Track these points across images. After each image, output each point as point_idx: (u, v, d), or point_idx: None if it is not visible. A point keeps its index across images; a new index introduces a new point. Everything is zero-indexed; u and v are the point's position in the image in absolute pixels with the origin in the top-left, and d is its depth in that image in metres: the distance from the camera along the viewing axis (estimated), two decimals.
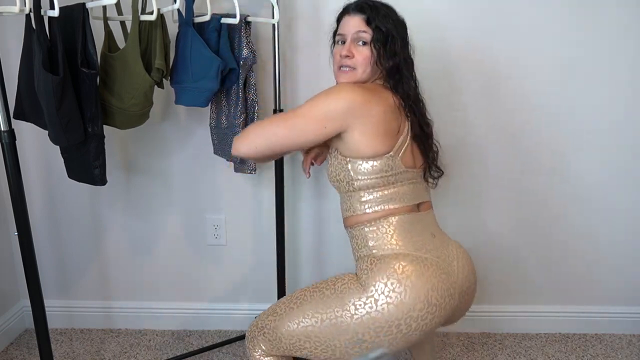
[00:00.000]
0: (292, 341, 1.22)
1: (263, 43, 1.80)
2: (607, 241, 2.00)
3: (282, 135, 1.18)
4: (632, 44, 1.79)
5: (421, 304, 1.11)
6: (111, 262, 2.06)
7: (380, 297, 1.12)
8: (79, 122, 1.41)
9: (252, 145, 1.20)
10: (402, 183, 1.22)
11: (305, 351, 1.21)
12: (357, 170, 1.20)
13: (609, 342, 2.04)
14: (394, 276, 1.13)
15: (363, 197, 1.22)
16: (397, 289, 1.11)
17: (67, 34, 1.36)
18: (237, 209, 2.00)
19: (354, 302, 1.14)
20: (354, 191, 1.22)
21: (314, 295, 1.22)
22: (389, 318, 1.11)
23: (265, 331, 1.28)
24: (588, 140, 1.90)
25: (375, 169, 1.18)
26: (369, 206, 1.22)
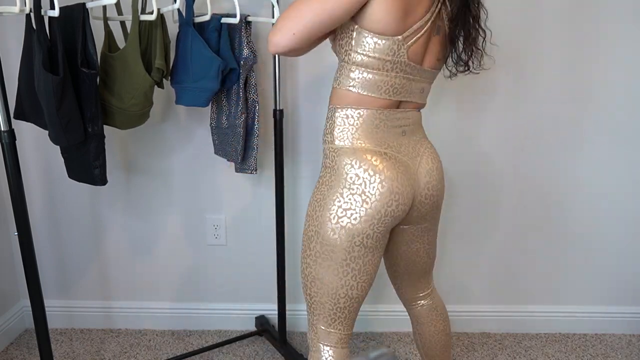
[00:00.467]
0: (328, 292, 1.19)
1: (263, 43, 1.80)
2: (607, 241, 2.00)
3: (319, 11, 1.09)
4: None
5: (384, 192, 1.13)
6: (111, 262, 2.06)
7: (343, 190, 1.14)
8: (79, 122, 1.41)
9: (291, 33, 1.11)
10: (396, 74, 1.16)
11: (342, 290, 1.19)
12: (360, 42, 1.14)
13: (609, 342, 2.04)
14: (351, 169, 1.15)
15: (353, 72, 1.17)
16: (357, 181, 1.14)
17: (67, 34, 1.36)
18: (237, 209, 2.00)
19: (327, 205, 1.15)
20: (347, 63, 1.17)
21: (306, 239, 1.22)
22: (362, 210, 1.13)
23: (312, 308, 1.24)
24: (587, 141, 1.90)
25: (377, 47, 1.13)
26: (354, 84, 1.17)
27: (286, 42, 1.12)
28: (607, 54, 1.81)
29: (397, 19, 1.10)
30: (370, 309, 2.09)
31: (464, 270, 2.05)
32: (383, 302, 2.08)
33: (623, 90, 1.85)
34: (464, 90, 1.86)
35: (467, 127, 1.89)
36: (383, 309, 2.09)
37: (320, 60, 1.82)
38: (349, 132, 1.18)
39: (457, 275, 2.06)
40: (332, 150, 1.19)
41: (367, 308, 2.09)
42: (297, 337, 2.08)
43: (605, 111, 1.87)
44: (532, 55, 1.82)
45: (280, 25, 1.12)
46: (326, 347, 1.24)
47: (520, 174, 1.94)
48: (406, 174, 1.18)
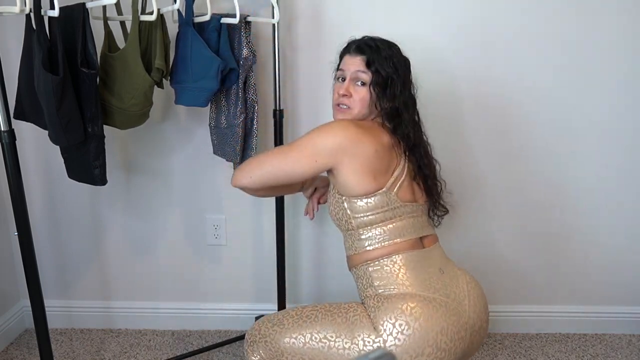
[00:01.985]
0: (293, 357, 1.19)
1: (263, 43, 1.80)
2: (607, 241, 2.00)
3: (277, 166, 1.22)
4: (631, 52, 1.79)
5: (430, 348, 1.08)
6: (111, 262, 2.06)
7: (388, 338, 1.09)
8: (79, 122, 1.41)
9: (248, 176, 1.26)
10: (401, 217, 1.21)
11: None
12: (354, 208, 1.20)
13: (609, 342, 2.04)
14: (402, 317, 1.10)
15: (363, 234, 1.22)
16: (406, 331, 1.08)
17: (67, 34, 1.36)
18: (237, 209, 2.00)
19: (363, 337, 1.12)
20: (353, 229, 1.23)
21: (325, 318, 1.19)
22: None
23: (267, 340, 1.26)
24: (587, 142, 1.90)
25: (370, 205, 1.18)
26: (369, 243, 1.21)
27: (243, 182, 1.28)
28: (602, 53, 1.81)
29: (373, 178, 1.17)
30: None
31: None
32: None
33: (621, 90, 1.84)
34: (461, 90, 1.86)
35: (465, 124, 1.89)
36: None
37: (320, 60, 1.82)
38: (390, 279, 1.17)
39: None
40: (377, 296, 1.17)
41: None
42: None
43: (603, 112, 1.87)
44: (529, 55, 1.82)
45: (246, 165, 1.28)
46: None
47: (520, 174, 1.94)
48: (457, 326, 1.14)
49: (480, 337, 1.23)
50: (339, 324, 1.16)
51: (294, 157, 1.20)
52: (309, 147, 1.19)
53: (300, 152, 1.20)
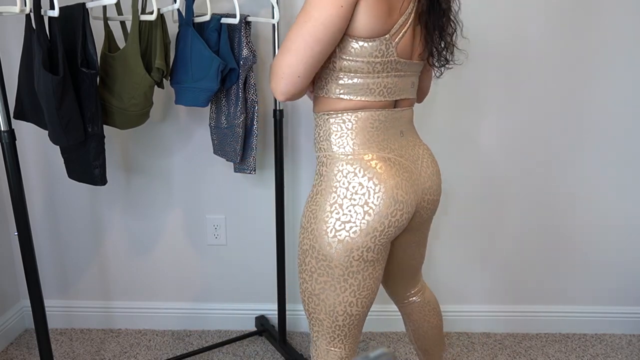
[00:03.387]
0: (326, 309, 1.15)
1: (263, 43, 1.80)
2: (607, 241, 2.00)
3: (312, 42, 1.03)
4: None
5: (388, 201, 1.09)
6: (111, 262, 2.06)
7: (344, 201, 1.09)
8: (79, 122, 1.41)
9: (295, 75, 1.06)
10: (387, 74, 1.12)
11: (339, 307, 1.15)
12: (345, 49, 1.08)
13: (609, 342, 2.04)
14: (354, 178, 1.10)
15: (341, 79, 1.11)
16: (360, 190, 1.09)
17: (67, 34, 1.36)
18: (237, 209, 2.00)
19: (322, 217, 1.11)
20: (334, 70, 1.11)
21: (301, 253, 1.17)
22: (362, 222, 1.08)
23: (312, 324, 1.21)
24: (587, 142, 1.90)
25: (364, 50, 1.08)
26: (343, 92, 1.12)
27: (291, 88, 1.07)
28: (607, 53, 1.81)
29: (382, 20, 1.06)
30: (370, 309, 2.09)
31: (464, 270, 2.05)
32: (383, 302, 2.08)
33: (625, 90, 1.84)
34: (462, 90, 1.86)
35: (468, 127, 1.89)
36: (383, 309, 2.09)
37: None
38: (348, 137, 1.12)
39: (457, 275, 2.06)
40: (330, 157, 1.14)
41: None
42: (297, 337, 2.08)
43: (604, 111, 1.87)
44: (531, 56, 1.82)
45: (279, 68, 1.06)
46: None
47: (519, 175, 1.94)
48: (410, 181, 1.15)
49: (431, 196, 1.23)
50: (307, 243, 1.15)
51: (319, 19, 1.03)
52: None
53: (321, 9, 1.03)
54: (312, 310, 1.17)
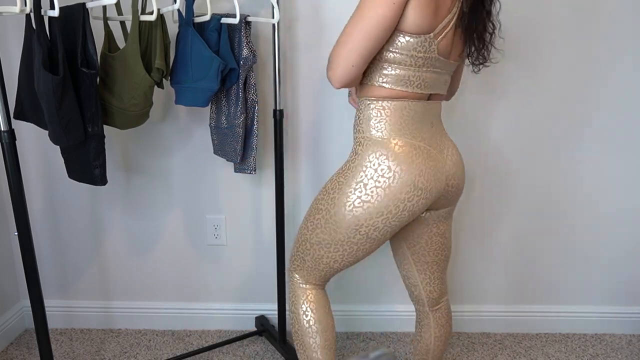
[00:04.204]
0: (313, 255, 1.31)
1: (263, 43, 1.80)
2: (607, 241, 2.00)
3: (366, 37, 1.12)
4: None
5: (408, 187, 1.18)
6: (111, 262, 2.06)
7: (369, 182, 1.19)
8: (79, 122, 1.41)
9: (350, 66, 1.14)
10: (427, 69, 1.21)
11: (325, 259, 1.30)
12: (392, 42, 1.17)
13: (609, 342, 2.04)
14: (384, 161, 1.19)
15: (385, 69, 1.20)
16: (387, 173, 1.18)
17: (67, 34, 1.36)
18: (237, 209, 2.00)
19: (346, 191, 1.21)
20: (380, 61, 1.20)
21: (315, 208, 1.29)
22: (379, 203, 1.18)
23: (294, 259, 1.39)
24: (588, 142, 1.90)
25: (409, 44, 1.16)
26: (385, 81, 1.21)
27: (348, 77, 1.16)
28: (622, 49, 1.81)
29: (429, 18, 1.14)
30: (370, 309, 2.09)
31: (464, 270, 2.05)
32: (383, 302, 2.08)
33: (632, 90, 1.85)
34: (477, 86, 1.86)
35: (479, 125, 1.89)
36: (383, 309, 2.09)
37: (320, 60, 1.82)
38: (385, 122, 1.21)
39: (457, 275, 2.06)
40: (366, 139, 1.22)
41: (367, 308, 2.09)
42: None
43: (611, 112, 1.87)
44: (548, 52, 1.82)
45: (336, 60, 1.15)
46: (302, 292, 1.38)
47: (521, 175, 1.94)
48: (434, 169, 1.23)
49: (455, 181, 1.31)
50: (325, 201, 1.26)
51: (372, 15, 1.11)
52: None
53: (374, 6, 1.11)
54: (300, 250, 1.34)
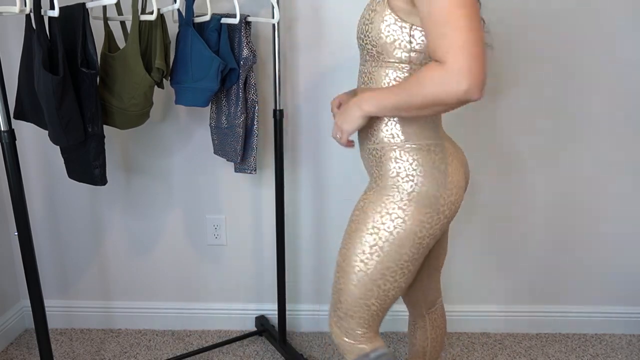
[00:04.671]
0: (379, 294, 1.14)
1: (263, 43, 1.80)
2: (607, 241, 2.00)
3: (478, 25, 0.97)
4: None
5: (457, 188, 1.12)
6: (111, 262, 2.06)
7: (440, 191, 1.10)
8: (79, 122, 1.41)
9: (484, 72, 0.96)
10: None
11: (392, 292, 1.14)
12: (417, 38, 1.05)
13: (609, 342, 2.04)
14: (441, 166, 1.10)
15: (407, 71, 1.08)
16: (452, 182, 1.11)
17: (67, 34, 1.36)
18: (237, 209, 2.00)
19: (390, 209, 1.09)
20: (402, 62, 1.07)
21: (362, 238, 1.12)
22: (443, 216, 1.10)
23: (352, 313, 1.16)
24: (587, 142, 1.90)
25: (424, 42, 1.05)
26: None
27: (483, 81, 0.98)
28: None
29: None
30: None
31: (464, 270, 2.05)
32: None
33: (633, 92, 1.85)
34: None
35: (481, 126, 1.89)
36: None
37: (320, 61, 1.82)
38: (424, 128, 1.11)
39: (457, 275, 2.06)
40: (417, 149, 1.10)
41: None
42: (297, 337, 2.08)
43: (610, 109, 1.87)
44: (566, 50, 1.82)
45: (478, 63, 0.95)
46: (366, 346, 1.17)
47: (520, 176, 1.94)
48: (463, 165, 1.19)
49: (469, 176, 1.28)
50: (362, 225, 1.12)
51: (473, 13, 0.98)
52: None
53: (468, 6, 0.97)
54: (362, 297, 1.13)
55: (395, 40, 1.06)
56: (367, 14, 1.09)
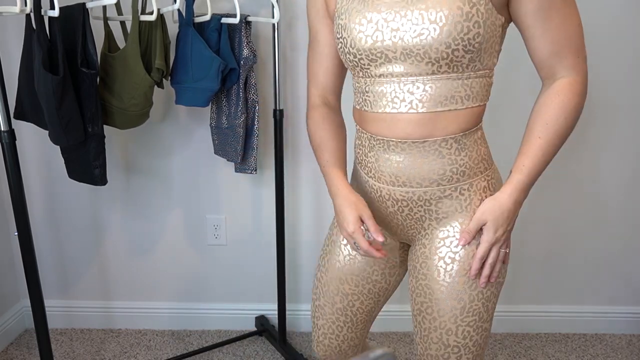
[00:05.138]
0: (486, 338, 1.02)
1: (263, 43, 1.80)
2: (607, 241, 2.00)
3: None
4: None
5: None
6: (111, 262, 2.06)
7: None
8: (79, 122, 1.41)
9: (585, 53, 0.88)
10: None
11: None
12: (503, 37, 0.90)
13: (609, 342, 2.04)
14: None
15: (491, 80, 0.92)
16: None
17: (67, 34, 1.36)
18: (237, 209, 2.00)
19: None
20: (491, 69, 0.91)
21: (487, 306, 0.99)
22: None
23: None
24: (586, 141, 1.90)
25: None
26: (485, 96, 0.93)
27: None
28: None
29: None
30: None
31: None
32: None
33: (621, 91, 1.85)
34: None
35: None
36: (383, 309, 2.09)
37: None
38: (485, 150, 1.00)
39: None
40: (495, 170, 1.02)
41: None
42: (297, 337, 2.08)
43: (604, 114, 1.87)
44: None
45: (584, 50, 0.88)
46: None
47: None
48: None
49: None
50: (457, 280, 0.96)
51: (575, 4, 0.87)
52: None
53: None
54: (482, 342, 1.00)
55: (494, 41, 0.88)
56: (458, 7, 0.83)
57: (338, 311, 1.13)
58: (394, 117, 0.92)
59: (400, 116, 0.92)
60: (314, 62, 1.09)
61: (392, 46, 0.88)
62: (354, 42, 0.92)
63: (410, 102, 0.90)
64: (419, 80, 0.89)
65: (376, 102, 0.94)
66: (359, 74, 0.97)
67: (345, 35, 0.94)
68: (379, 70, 0.92)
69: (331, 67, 1.07)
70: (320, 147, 1.07)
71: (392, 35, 0.88)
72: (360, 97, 0.98)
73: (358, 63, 0.94)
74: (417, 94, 0.89)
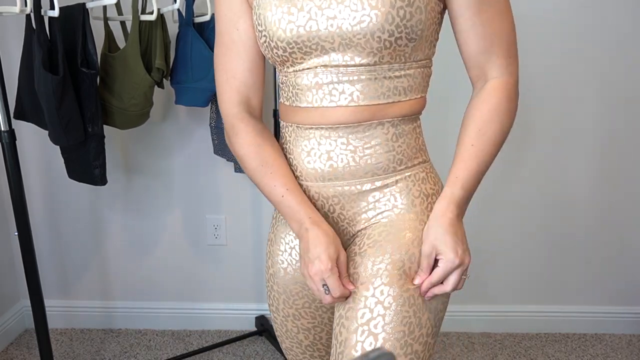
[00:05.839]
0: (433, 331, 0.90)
1: None
2: (607, 241, 2.00)
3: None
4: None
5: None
6: (111, 262, 2.06)
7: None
8: (79, 122, 1.41)
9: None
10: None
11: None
12: (440, 25, 0.86)
13: (609, 342, 2.04)
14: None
15: (430, 70, 0.87)
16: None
17: (67, 34, 1.37)
18: (237, 209, 2.00)
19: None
20: (431, 60, 0.87)
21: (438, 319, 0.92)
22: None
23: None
24: (584, 141, 1.90)
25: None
26: (425, 88, 0.88)
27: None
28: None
29: None
30: None
31: None
32: None
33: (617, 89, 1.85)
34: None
35: None
36: None
37: None
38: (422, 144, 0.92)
39: None
40: (434, 172, 0.95)
41: None
42: None
43: (598, 111, 1.87)
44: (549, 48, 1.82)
45: (515, 48, 0.85)
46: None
47: (519, 175, 1.94)
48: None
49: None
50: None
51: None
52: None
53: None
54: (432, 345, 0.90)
55: (433, 29, 0.83)
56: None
57: (308, 347, 1.01)
58: (334, 110, 0.83)
59: (339, 109, 0.83)
60: (231, 60, 0.89)
61: (328, 36, 0.78)
62: (282, 35, 0.80)
63: (351, 93, 0.81)
64: (360, 71, 0.80)
65: (311, 95, 0.83)
66: (289, 68, 0.85)
67: (269, 28, 0.81)
68: (314, 62, 0.81)
69: (257, 61, 0.90)
70: (264, 169, 0.89)
71: (328, 24, 0.77)
72: (290, 92, 0.87)
73: (289, 57, 0.82)
74: (357, 85, 0.81)
